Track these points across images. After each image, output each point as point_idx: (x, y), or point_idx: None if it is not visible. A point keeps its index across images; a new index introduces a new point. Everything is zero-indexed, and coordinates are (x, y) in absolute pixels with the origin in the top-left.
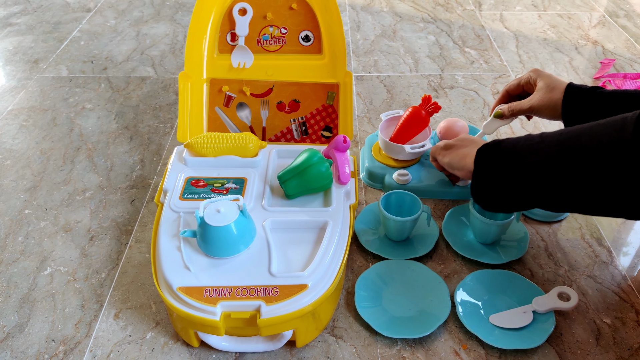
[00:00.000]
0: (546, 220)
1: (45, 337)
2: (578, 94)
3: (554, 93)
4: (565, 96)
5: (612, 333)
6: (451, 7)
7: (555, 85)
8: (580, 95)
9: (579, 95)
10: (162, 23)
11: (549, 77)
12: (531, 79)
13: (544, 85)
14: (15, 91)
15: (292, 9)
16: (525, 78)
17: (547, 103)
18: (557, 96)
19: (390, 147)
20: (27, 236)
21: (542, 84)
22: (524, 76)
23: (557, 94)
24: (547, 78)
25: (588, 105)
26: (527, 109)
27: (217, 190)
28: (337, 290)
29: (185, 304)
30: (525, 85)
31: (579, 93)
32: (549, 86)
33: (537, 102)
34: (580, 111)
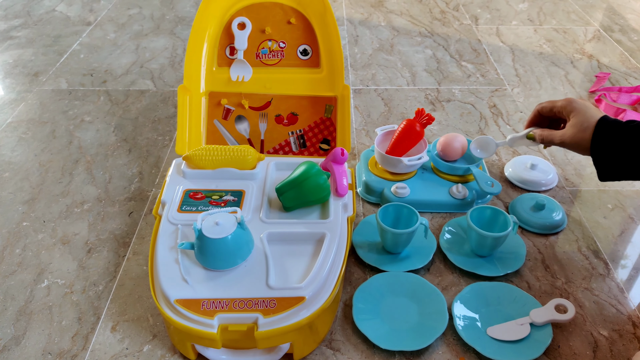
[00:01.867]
0: (543, 232)
1: (41, 350)
2: (609, 129)
3: (586, 133)
4: (595, 132)
5: (609, 346)
6: (448, 22)
7: (588, 124)
8: (611, 130)
9: (609, 131)
10: (162, 37)
11: (583, 114)
12: (565, 110)
13: (577, 122)
14: (15, 104)
15: (290, 23)
16: (559, 106)
17: (580, 141)
18: (588, 135)
19: (387, 160)
20: (25, 248)
21: (575, 120)
22: (558, 103)
23: (589, 132)
24: (581, 115)
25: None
26: (559, 143)
27: (215, 203)
28: (334, 302)
29: (183, 317)
30: (558, 112)
31: (610, 128)
32: (582, 124)
33: (569, 140)
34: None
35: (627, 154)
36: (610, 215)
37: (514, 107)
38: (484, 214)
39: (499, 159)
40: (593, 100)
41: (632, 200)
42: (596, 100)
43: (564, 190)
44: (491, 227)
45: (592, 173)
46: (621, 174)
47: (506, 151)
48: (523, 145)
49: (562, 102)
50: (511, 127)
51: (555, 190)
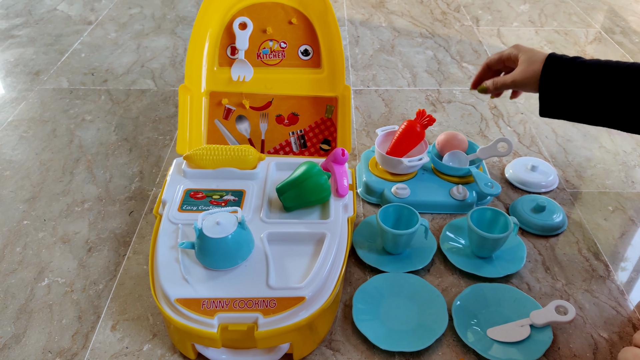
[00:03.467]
0: (543, 234)
1: (42, 349)
2: (558, 64)
3: (535, 65)
4: (544, 67)
5: (609, 347)
6: (449, 23)
7: (536, 58)
8: (560, 65)
9: (558, 66)
10: (163, 36)
11: (531, 51)
12: (512, 54)
13: (526, 58)
14: (16, 102)
15: (291, 23)
16: (506, 53)
17: (530, 75)
18: (537, 67)
19: (388, 161)
20: (25, 247)
21: (524, 57)
22: (505, 51)
23: (538, 65)
24: (529, 52)
25: (568, 75)
26: (510, 82)
27: (216, 202)
28: (334, 303)
29: (183, 316)
30: (506, 60)
31: (559, 63)
32: (530, 59)
33: (520, 76)
34: (560, 82)
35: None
36: (611, 217)
37: (514, 109)
38: (484, 216)
39: (499, 160)
40: None
41: (632, 203)
42: None
43: (564, 192)
44: (491, 228)
45: (592, 175)
46: (564, 110)
47: None
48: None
49: (508, 49)
50: (512, 129)
51: (555, 192)
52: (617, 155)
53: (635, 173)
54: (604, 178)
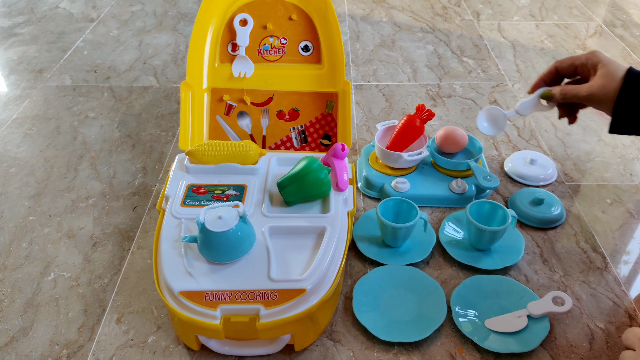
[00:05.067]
0: (542, 226)
1: (48, 341)
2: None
3: (616, 82)
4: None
5: (605, 337)
6: (450, 17)
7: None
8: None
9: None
10: (165, 33)
11: (613, 63)
12: (590, 62)
13: (607, 72)
14: (20, 100)
15: (291, 19)
16: (582, 59)
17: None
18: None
19: (388, 156)
20: (31, 242)
21: (604, 70)
22: (581, 56)
23: (618, 82)
24: (611, 64)
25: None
26: (585, 95)
27: (218, 197)
28: (335, 294)
29: (186, 308)
30: (580, 67)
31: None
32: (612, 73)
33: (598, 90)
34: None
35: None
36: (609, 210)
37: (514, 103)
38: (483, 208)
39: (498, 154)
40: None
41: (630, 195)
42: None
43: (563, 185)
44: (490, 221)
45: (591, 168)
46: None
47: (506, 146)
48: (534, 108)
49: (585, 55)
50: (511, 123)
51: (554, 185)
52: (615, 149)
53: (634, 166)
54: (602, 171)
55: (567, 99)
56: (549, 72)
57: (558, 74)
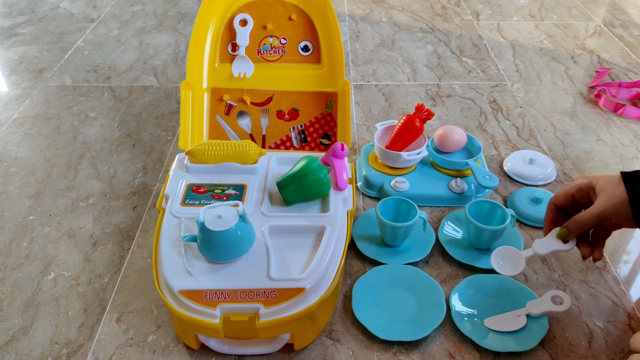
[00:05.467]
0: (541, 225)
1: (49, 340)
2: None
3: (619, 188)
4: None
5: (604, 336)
6: (449, 17)
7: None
8: None
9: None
10: (165, 33)
11: (604, 176)
12: (583, 185)
13: (605, 184)
14: (20, 100)
15: (291, 19)
16: (575, 186)
17: (618, 200)
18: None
19: (387, 155)
20: (32, 241)
21: (602, 183)
22: (571, 185)
23: (621, 188)
24: (603, 177)
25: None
26: (598, 215)
27: (218, 197)
28: (334, 294)
29: (186, 307)
30: (576, 193)
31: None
32: (610, 183)
33: (606, 204)
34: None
35: None
36: None
37: (513, 103)
38: (482, 208)
39: (498, 154)
40: (592, 96)
41: None
42: (595, 96)
43: (562, 185)
44: (489, 220)
45: (590, 168)
46: None
47: (505, 145)
48: (552, 248)
49: (574, 182)
50: (510, 122)
51: (553, 185)
52: (614, 148)
53: (633, 165)
54: (601, 171)
55: (583, 227)
56: (551, 211)
57: (559, 210)
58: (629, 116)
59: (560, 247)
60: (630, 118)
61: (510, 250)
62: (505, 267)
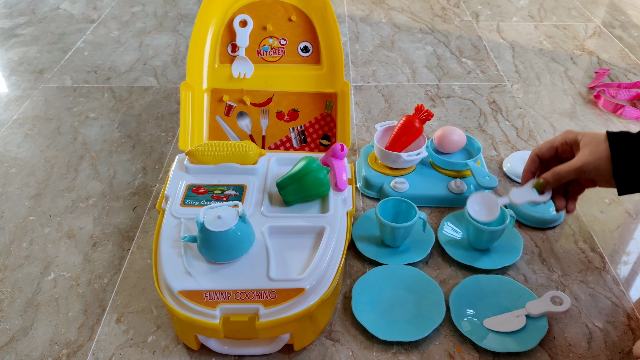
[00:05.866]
0: (540, 226)
1: (48, 341)
2: (625, 138)
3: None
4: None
5: (603, 337)
6: (449, 18)
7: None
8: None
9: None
10: (165, 34)
11: (590, 133)
12: (568, 138)
13: (589, 140)
14: (21, 101)
15: (291, 20)
16: (559, 139)
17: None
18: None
19: (387, 156)
20: (32, 242)
21: (586, 139)
22: (556, 138)
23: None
24: (589, 134)
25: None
26: (577, 168)
27: (218, 197)
28: (334, 294)
29: (186, 308)
30: (560, 146)
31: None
32: (595, 140)
33: (588, 158)
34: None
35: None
36: (607, 210)
37: (513, 103)
38: None
39: (497, 154)
40: (592, 97)
41: (629, 196)
42: (595, 96)
43: None
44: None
45: None
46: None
47: (505, 146)
48: (527, 198)
49: (560, 135)
50: (510, 123)
51: None
52: None
53: None
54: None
55: (561, 179)
56: (532, 162)
57: (541, 162)
58: (629, 117)
59: (535, 198)
60: (630, 119)
61: (486, 196)
62: (481, 213)
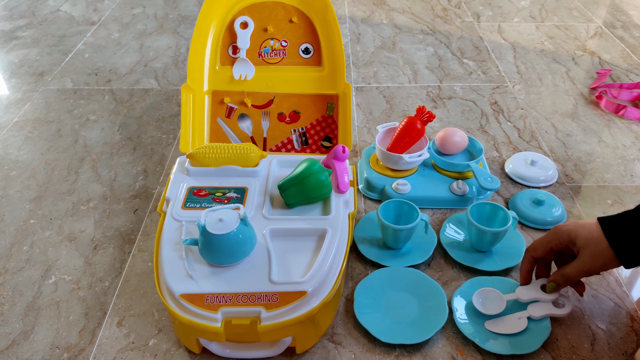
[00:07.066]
0: (542, 227)
1: (49, 345)
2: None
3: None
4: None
5: (607, 338)
6: (450, 19)
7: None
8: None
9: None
10: (165, 36)
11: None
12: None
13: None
14: (21, 103)
15: (292, 22)
16: (554, 241)
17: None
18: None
19: (388, 157)
20: (32, 245)
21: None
22: (550, 239)
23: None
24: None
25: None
26: (586, 271)
27: (219, 200)
28: (336, 297)
29: (187, 311)
30: (555, 247)
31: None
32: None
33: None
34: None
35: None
36: (610, 211)
37: (515, 104)
38: (483, 210)
39: (499, 155)
40: (594, 97)
41: (631, 196)
42: (597, 97)
43: (563, 186)
44: (491, 222)
45: (592, 169)
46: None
47: (507, 147)
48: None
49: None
50: (512, 124)
51: (555, 186)
52: (616, 149)
53: (634, 166)
54: (603, 172)
55: (572, 280)
56: (529, 263)
57: (536, 261)
58: (631, 117)
59: (543, 297)
60: (632, 119)
61: (492, 292)
62: (487, 306)
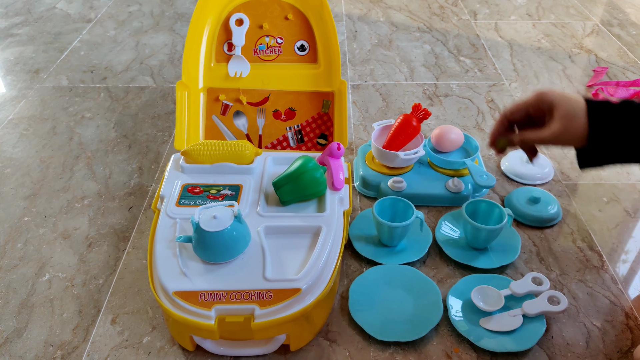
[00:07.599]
0: (538, 225)
1: (43, 342)
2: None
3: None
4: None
5: (602, 336)
6: (447, 17)
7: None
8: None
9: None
10: (161, 33)
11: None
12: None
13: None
14: (16, 101)
15: (287, 19)
16: (532, 102)
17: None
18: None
19: (384, 155)
20: (27, 243)
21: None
22: (529, 99)
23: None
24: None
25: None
26: (548, 141)
27: (213, 197)
28: (330, 294)
29: (181, 308)
30: (533, 110)
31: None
32: (570, 112)
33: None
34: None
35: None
36: (606, 209)
37: (511, 102)
38: (479, 207)
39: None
40: (590, 95)
41: (627, 194)
42: (593, 95)
43: (559, 184)
44: (486, 220)
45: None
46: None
47: None
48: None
49: (534, 98)
50: None
51: (551, 184)
52: None
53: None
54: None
55: (527, 144)
56: (501, 124)
57: (510, 122)
58: None
59: (536, 289)
60: None
61: (490, 289)
62: (487, 303)
